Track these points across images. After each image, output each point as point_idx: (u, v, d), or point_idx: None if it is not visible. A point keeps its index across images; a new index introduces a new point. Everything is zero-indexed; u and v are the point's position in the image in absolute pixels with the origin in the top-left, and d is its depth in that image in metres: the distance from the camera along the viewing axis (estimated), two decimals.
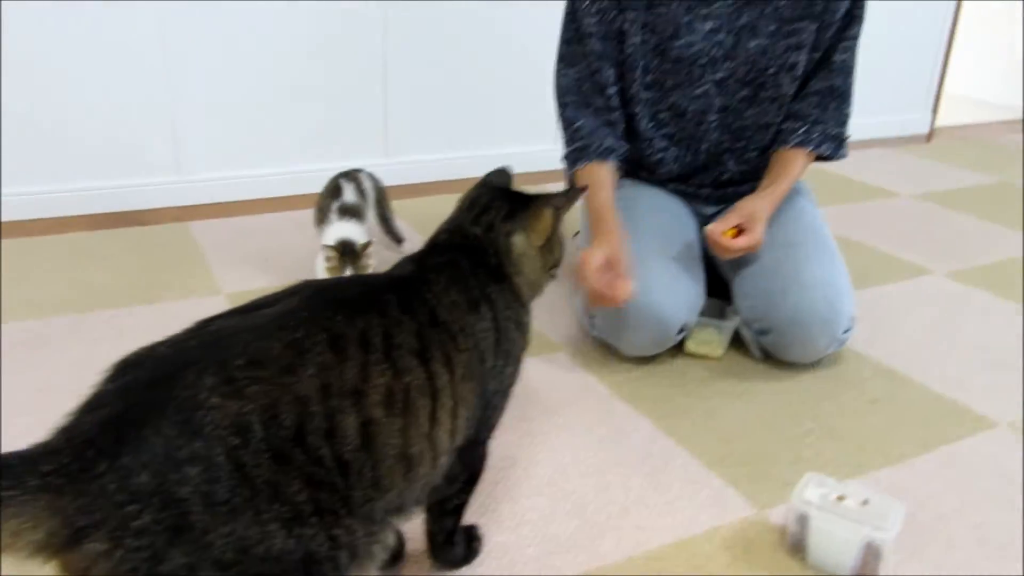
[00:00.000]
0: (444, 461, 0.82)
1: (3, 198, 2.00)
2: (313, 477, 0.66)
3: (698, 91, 1.50)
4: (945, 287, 1.90)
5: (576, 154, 1.50)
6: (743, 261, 1.49)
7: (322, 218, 1.76)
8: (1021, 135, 3.60)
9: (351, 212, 1.74)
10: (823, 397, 1.41)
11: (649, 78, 1.50)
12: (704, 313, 1.56)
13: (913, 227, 2.31)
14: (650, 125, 1.55)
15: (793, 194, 1.58)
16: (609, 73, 1.49)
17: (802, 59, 1.48)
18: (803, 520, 1.01)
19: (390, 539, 0.79)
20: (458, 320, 0.85)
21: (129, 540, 0.59)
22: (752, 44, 1.46)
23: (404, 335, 0.77)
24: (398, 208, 1.97)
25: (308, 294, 0.76)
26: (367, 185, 1.84)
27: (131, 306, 1.60)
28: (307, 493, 0.65)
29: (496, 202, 0.98)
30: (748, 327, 1.49)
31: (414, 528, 0.97)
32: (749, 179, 1.58)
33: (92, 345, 1.47)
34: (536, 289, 1.00)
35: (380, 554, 0.76)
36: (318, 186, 1.83)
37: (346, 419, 0.69)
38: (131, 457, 0.59)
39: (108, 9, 1.97)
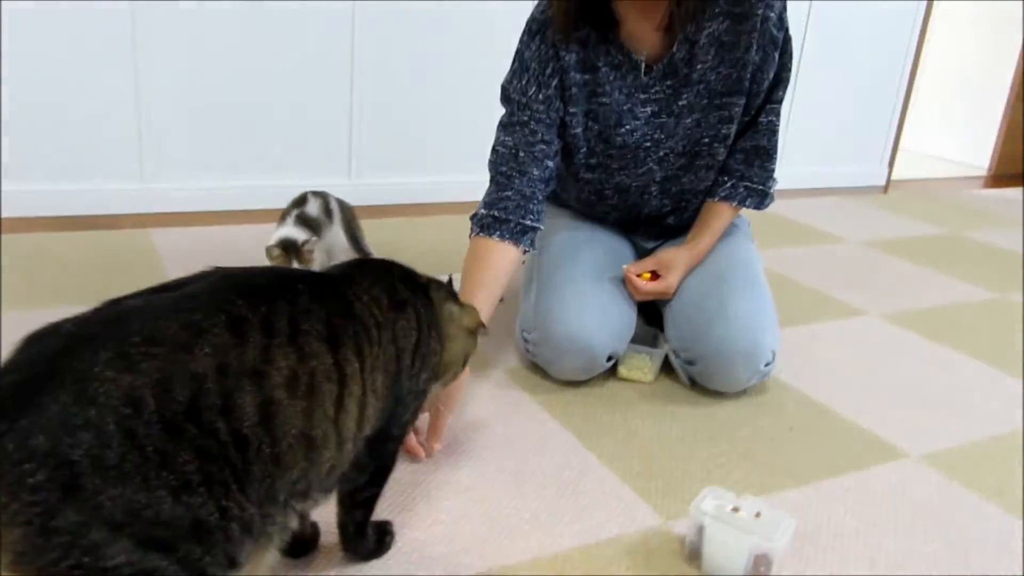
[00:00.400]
0: (350, 448, 0.86)
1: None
2: (205, 450, 0.70)
3: (641, 170, 1.55)
4: (877, 328, 1.97)
5: (491, 223, 1.43)
6: (677, 294, 1.55)
7: (280, 222, 1.82)
8: (978, 190, 3.72)
9: (307, 222, 1.80)
10: (742, 423, 1.46)
11: (593, 160, 1.54)
12: (638, 340, 1.62)
13: (854, 271, 2.39)
14: (592, 198, 1.62)
15: (730, 229, 1.65)
16: (551, 149, 1.47)
17: (733, 128, 1.52)
18: (699, 530, 1.06)
19: (292, 523, 0.83)
20: (376, 315, 0.90)
21: (24, 495, 0.63)
22: (688, 120, 1.50)
23: (312, 322, 0.81)
24: (367, 229, 2.04)
25: (215, 279, 0.80)
26: (334, 206, 1.91)
27: (81, 305, 1.64)
28: (197, 464, 0.69)
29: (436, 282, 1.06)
30: (676, 356, 1.55)
31: (330, 521, 1.01)
32: (685, 228, 1.64)
33: None
34: (451, 365, 1.07)
35: (279, 536, 0.80)
36: (280, 202, 1.89)
37: (244, 397, 0.73)
38: (29, 420, 0.64)
39: (82, 11, 2.03)
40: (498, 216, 1.43)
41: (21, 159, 2.08)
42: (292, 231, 1.74)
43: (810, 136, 3.38)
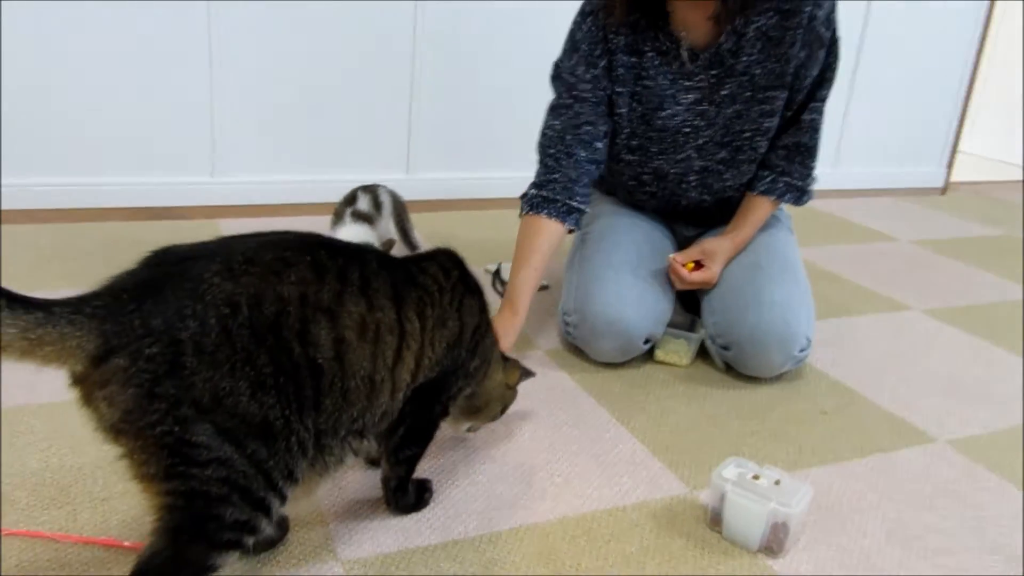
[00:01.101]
0: (401, 398, 0.97)
1: (44, 187, 2.20)
2: (280, 361, 0.82)
3: (679, 156, 1.61)
4: (919, 322, 1.99)
5: (540, 202, 1.54)
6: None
7: (336, 221, 1.93)
8: None
9: (363, 218, 1.92)
10: (774, 405, 1.51)
11: (634, 143, 1.61)
12: (676, 325, 1.69)
13: (903, 269, 2.40)
14: (632, 183, 1.68)
15: (770, 221, 1.70)
16: (601, 130, 1.56)
17: (775, 123, 1.57)
18: (721, 496, 1.12)
19: (348, 459, 0.94)
20: (441, 284, 1.03)
21: (141, 363, 0.76)
22: (730, 110, 1.55)
23: (380, 282, 0.94)
24: (418, 221, 2.13)
25: (303, 233, 0.93)
26: (384, 199, 2.02)
27: None
28: (272, 370, 0.82)
29: None
30: (712, 341, 1.61)
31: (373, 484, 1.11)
32: (728, 218, 1.69)
33: None
34: (489, 406, 1.20)
35: (334, 467, 0.92)
36: (340, 195, 2.01)
37: (319, 329, 0.85)
38: (151, 305, 0.78)
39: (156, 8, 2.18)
40: (547, 196, 1.53)
41: (93, 153, 2.24)
42: (359, 231, 1.86)
43: (868, 137, 3.37)
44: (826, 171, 3.26)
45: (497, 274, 2.01)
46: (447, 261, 1.09)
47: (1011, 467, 1.37)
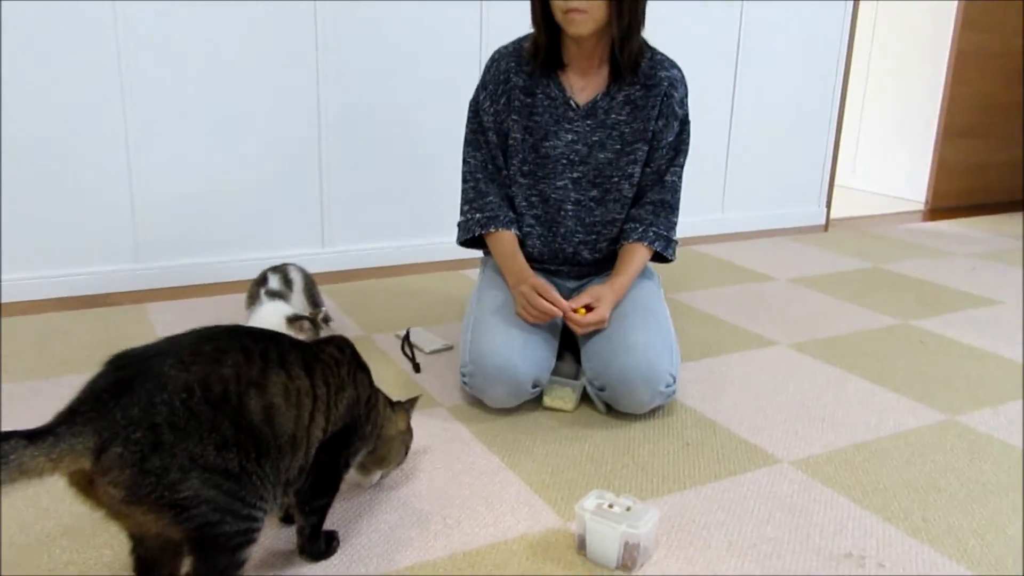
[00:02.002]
0: (311, 453, 1.18)
1: None
2: (232, 425, 1.04)
3: (559, 183, 1.91)
4: (783, 356, 2.25)
5: (487, 221, 1.91)
6: (589, 332, 1.84)
7: (252, 301, 2.11)
8: (914, 224, 4.01)
9: (276, 295, 2.10)
10: (645, 441, 1.74)
11: (525, 167, 1.91)
12: (564, 374, 1.91)
13: (776, 306, 2.67)
14: (523, 204, 1.95)
15: (640, 277, 1.95)
16: (501, 160, 1.92)
17: (637, 171, 1.90)
18: (583, 523, 1.33)
19: (281, 504, 1.16)
20: (340, 361, 1.26)
21: (131, 447, 0.97)
22: (601, 155, 1.88)
23: (294, 357, 1.17)
24: (333, 291, 2.32)
25: (228, 326, 1.16)
26: (294, 275, 2.20)
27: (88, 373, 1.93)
28: (230, 432, 1.04)
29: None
30: (590, 384, 1.83)
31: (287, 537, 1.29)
32: (601, 265, 1.97)
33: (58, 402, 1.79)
34: (386, 455, 1.44)
35: (273, 512, 1.14)
36: (258, 272, 2.20)
37: (251, 399, 1.07)
38: (128, 399, 0.98)
39: (75, 92, 2.35)
40: (489, 215, 1.91)
41: (24, 248, 2.38)
42: (280, 307, 2.04)
43: (750, 181, 3.68)
44: (714, 217, 3.57)
45: (406, 338, 2.21)
46: (341, 343, 1.32)
47: (843, 480, 1.61)
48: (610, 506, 1.33)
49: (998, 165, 4.55)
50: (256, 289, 2.12)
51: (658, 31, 3.10)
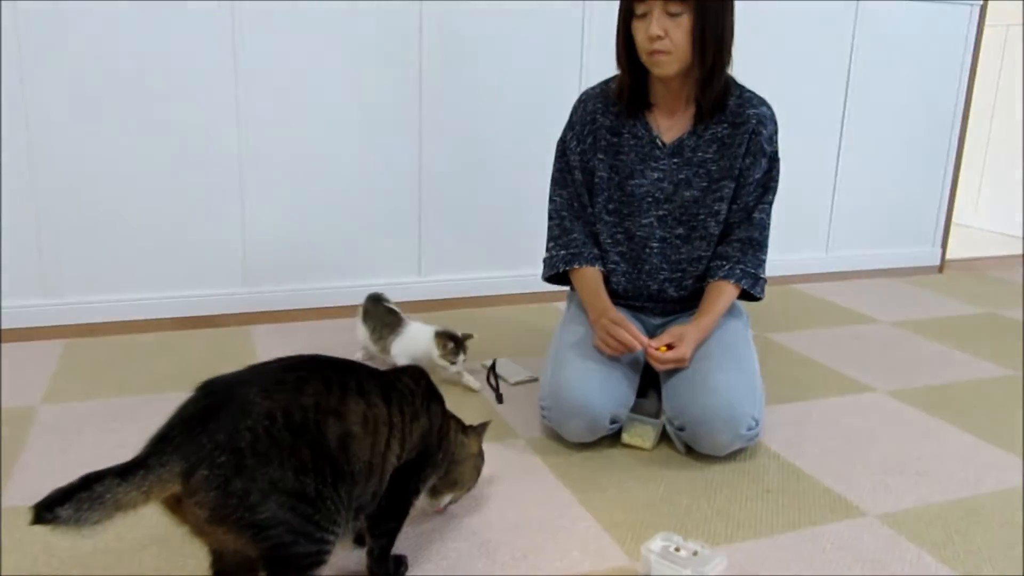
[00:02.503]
0: (386, 480, 1.23)
1: (104, 303, 2.52)
2: (313, 452, 1.10)
3: (644, 221, 1.91)
4: (879, 403, 2.16)
5: (571, 257, 1.95)
6: (671, 370, 1.83)
7: (392, 323, 2.18)
8: None
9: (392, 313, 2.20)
10: (724, 485, 1.70)
11: (611, 206, 1.93)
12: (645, 412, 1.90)
13: (876, 350, 2.57)
14: (608, 241, 1.96)
15: (726, 315, 1.92)
16: (587, 198, 1.95)
17: (724, 208, 1.88)
18: (648, 564, 1.32)
19: (352, 532, 1.21)
20: (415, 392, 1.31)
21: (216, 470, 1.03)
22: (687, 193, 1.88)
23: (372, 386, 1.22)
24: (427, 319, 2.39)
25: (311, 356, 1.22)
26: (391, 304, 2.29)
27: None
28: (309, 459, 1.09)
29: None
30: (670, 423, 1.82)
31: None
32: (686, 303, 1.95)
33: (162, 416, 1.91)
34: (460, 479, 1.47)
35: (346, 535, 1.19)
36: (358, 299, 2.30)
37: (330, 426, 1.13)
38: (214, 425, 1.05)
39: (189, 123, 2.52)
40: (574, 252, 1.95)
41: (140, 271, 2.56)
42: (415, 327, 2.14)
43: (857, 218, 3.55)
44: (818, 256, 3.47)
45: (492, 368, 2.24)
46: (416, 373, 1.36)
47: (932, 538, 1.53)
48: (677, 549, 1.32)
49: None
50: (375, 308, 2.21)
51: (768, 59, 3.09)
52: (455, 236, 2.90)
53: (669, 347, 1.80)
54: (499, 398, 2.10)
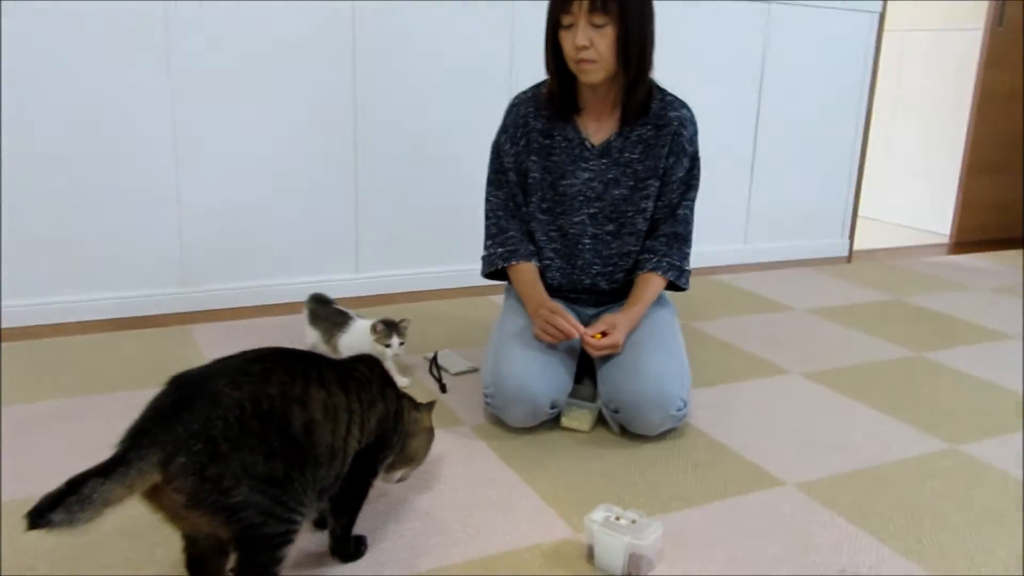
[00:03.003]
0: (347, 463, 1.31)
1: (39, 306, 2.51)
2: (281, 438, 1.18)
3: (576, 219, 2.03)
4: (794, 384, 2.33)
5: (508, 254, 2.04)
6: (605, 357, 1.95)
7: (322, 321, 2.24)
8: (938, 257, 4.07)
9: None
10: (657, 461, 1.84)
11: (544, 204, 2.04)
12: (582, 397, 2.02)
13: (792, 336, 2.76)
14: (543, 238, 2.07)
15: (654, 304, 2.06)
16: (521, 198, 2.05)
17: (650, 205, 2.02)
18: (591, 534, 1.43)
19: (315, 513, 1.29)
20: (371, 379, 1.39)
21: (192, 457, 1.10)
22: (616, 192, 2.00)
23: (331, 376, 1.30)
24: (366, 315, 2.45)
25: (273, 349, 1.29)
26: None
27: (142, 389, 2.09)
28: (277, 445, 1.17)
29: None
30: (605, 407, 1.94)
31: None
32: (618, 294, 2.08)
33: (111, 416, 1.94)
34: (413, 455, 1.55)
35: (311, 515, 1.27)
36: (296, 296, 2.34)
37: (294, 413, 1.20)
38: (188, 416, 1.12)
39: (122, 123, 2.53)
40: (511, 249, 2.05)
41: (74, 272, 2.55)
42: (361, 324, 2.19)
43: (772, 212, 3.77)
44: (737, 248, 3.67)
45: (434, 360, 2.33)
46: (370, 362, 1.44)
47: (842, 502, 1.69)
48: (617, 519, 1.44)
49: (1022, 201, 4.59)
50: (324, 310, 2.26)
51: (683, 61, 3.25)
52: (391, 232, 2.97)
53: (603, 334, 1.92)
54: (443, 388, 2.19)
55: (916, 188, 4.74)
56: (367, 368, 1.41)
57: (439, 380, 2.22)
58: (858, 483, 1.78)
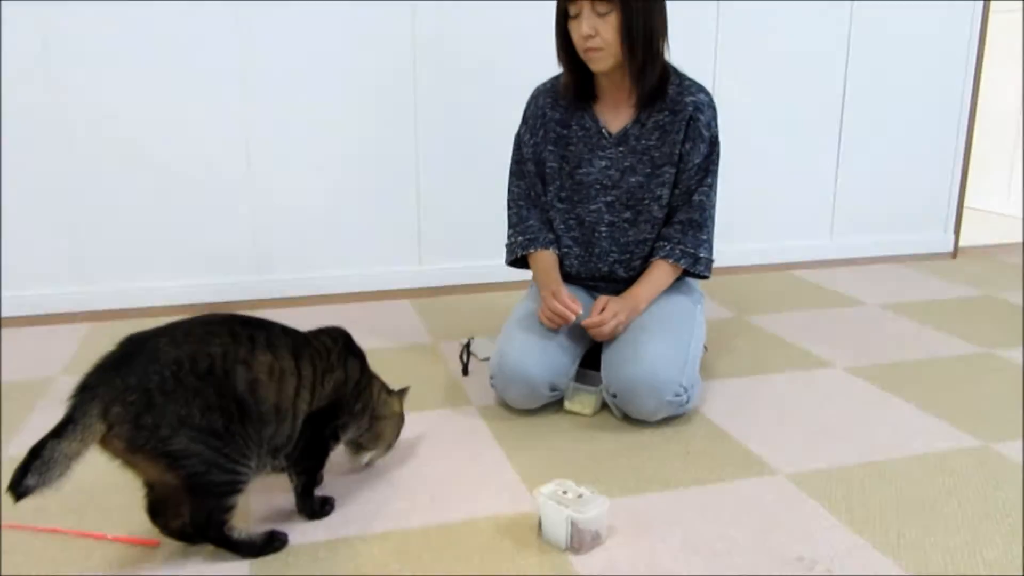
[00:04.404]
0: (299, 424, 1.41)
1: (126, 291, 2.79)
2: (217, 394, 1.28)
3: (593, 207, 2.05)
4: (832, 377, 2.23)
5: (527, 243, 2.09)
6: (609, 341, 1.96)
7: None
8: None
9: None
10: (649, 447, 1.82)
11: (562, 193, 2.08)
12: (591, 382, 2.03)
13: (851, 331, 2.63)
14: (560, 227, 2.10)
15: (674, 289, 2.05)
16: (540, 188, 2.09)
17: (666, 193, 2.01)
18: (539, 507, 1.46)
19: (267, 468, 1.41)
20: (331, 348, 1.48)
21: (128, 407, 1.23)
22: (632, 180, 2.01)
23: (282, 342, 1.40)
24: (424, 304, 2.56)
25: (225, 314, 1.40)
26: None
27: None
28: (214, 399, 1.27)
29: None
30: (605, 391, 1.95)
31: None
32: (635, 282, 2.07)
33: None
34: (383, 434, 1.64)
35: (255, 473, 1.37)
36: (363, 287, 2.48)
37: (238, 373, 1.31)
38: (127, 369, 1.25)
39: (205, 118, 2.77)
40: (530, 237, 2.09)
41: (157, 260, 2.82)
42: None
43: (862, 203, 3.54)
44: (820, 243, 3.52)
45: (467, 346, 2.41)
46: (335, 333, 1.53)
47: (832, 495, 1.62)
48: (565, 492, 1.46)
49: None
50: None
51: (762, 35, 3.15)
52: (453, 225, 3.07)
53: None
54: (465, 370, 2.26)
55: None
56: (329, 339, 1.51)
57: (465, 364, 2.29)
58: (859, 476, 1.70)
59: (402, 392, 1.69)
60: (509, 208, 2.15)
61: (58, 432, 1.20)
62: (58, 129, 2.62)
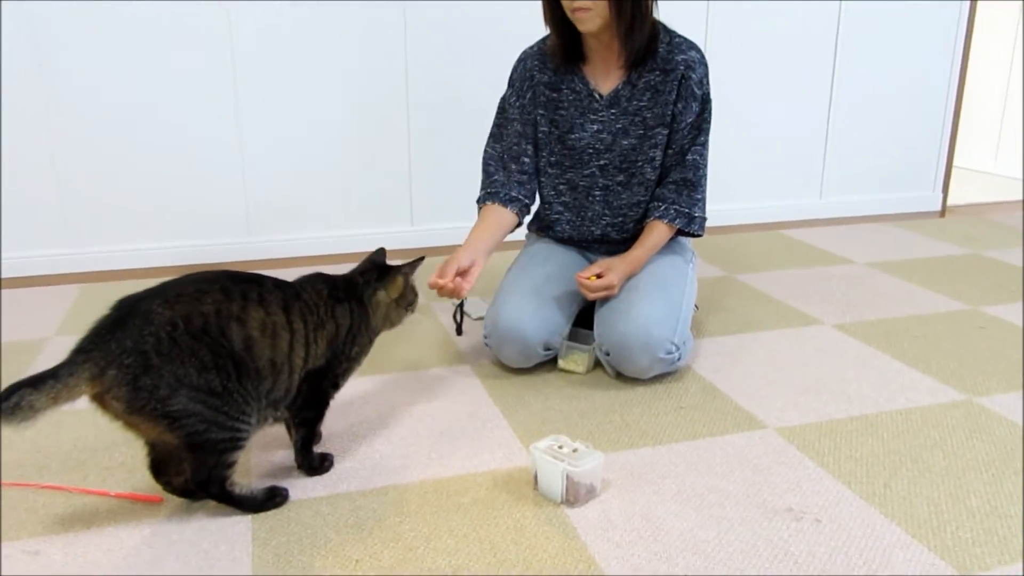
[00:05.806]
0: (298, 377, 1.42)
1: (115, 252, 2.78)
2: (212, 352, 1.29)
3: (586, 172, 2.04)
4: (822, 335, 2.27)
5: (485, 195, 2.05)
6: (603, 299, 1.98)
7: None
8: None
9: None
10: (641, 403, 1.86)
11: (553, 159, 2.06)
12: (579, 340, 2.05)
13: (839, 288, 2.66)
14: (551, 193, 2.10)
15: (668, 249, 2.07)
16: (526, 148, 2.06)
17: (659, 154, 2.00)
18: (533, 460, 1.49)
19: (268, 421, 1.43)
20: (318, 303, 1.47)
21: (124, 370, 1.24)
22: (625, 142, 2.00)
23: (273, 297, 1.40)
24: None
25: (216, 271, 1.40)
26: None
27: None
28: (210, 358, 1.29)
29: (371, 270, 1.59)
30: (599, 349, 1.97)
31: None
32: (629, 244, 2.08)
33: None
34: (391, 323, 1.62)
35: (258, 427, 1.39)
36: (356, 248, 2.48)
37: (232, 331, 1.32)
38: (121, 333, 1.25)
39: (191, 87, 2.75)
40: (490, 191, 2.04)
41: (139, 220, 2.81)
42: None
43: (851, 162, 3.58)
44: (809, 202, 3.54)
45: (460, 306, 2.42)
46: (318, 282, 1.52)
47: (820, 448, 1.66)
48: (560, 447, 1.49)
49: None
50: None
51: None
52: (444, 187, 3.07)
53: (599, 277, 1.95)
54: (459, 330, 2.28)
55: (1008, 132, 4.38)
56: (315, 292, 1.49)
57: (459, 324, 2.31)
58: (846, 429, 1.73)
59: (409, 266, 1.61)
60: (482, 170, 2.11)
61: (34, 382, 1.20)
62: (47, 96, 2.60)
